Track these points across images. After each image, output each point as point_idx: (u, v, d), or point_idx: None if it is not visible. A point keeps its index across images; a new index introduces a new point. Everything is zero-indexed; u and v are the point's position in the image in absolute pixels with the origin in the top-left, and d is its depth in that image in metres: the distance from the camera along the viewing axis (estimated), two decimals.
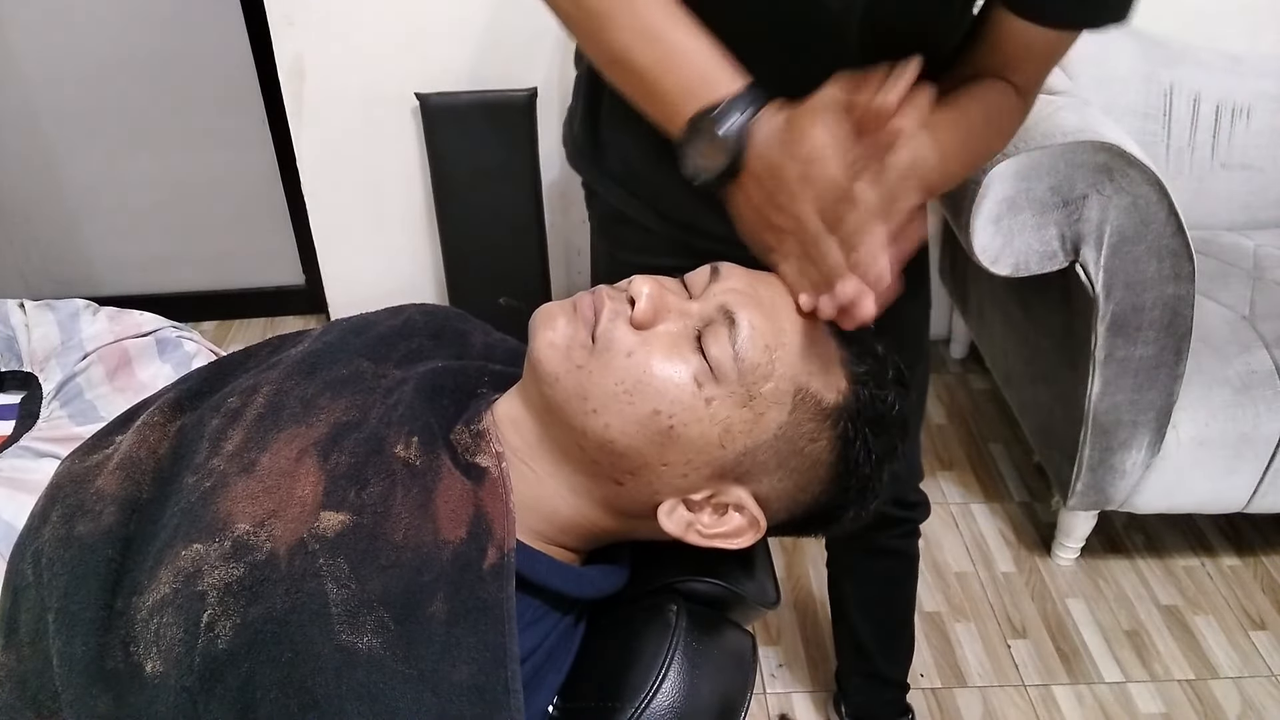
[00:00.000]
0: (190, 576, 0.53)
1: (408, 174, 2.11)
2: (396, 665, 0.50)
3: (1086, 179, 1.30)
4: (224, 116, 2.19)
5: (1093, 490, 1.59)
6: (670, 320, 0.61)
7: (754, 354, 0.58)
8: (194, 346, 1.49)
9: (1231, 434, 1.53)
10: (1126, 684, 1.58)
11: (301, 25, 1.90)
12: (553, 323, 0.61)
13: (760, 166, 0.64)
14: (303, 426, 0.61)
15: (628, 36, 0.70)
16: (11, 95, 2.12)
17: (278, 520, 0.55)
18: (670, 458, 0.59)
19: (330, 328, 0.74)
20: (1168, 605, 1.72)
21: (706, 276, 0.64)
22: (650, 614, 0.63)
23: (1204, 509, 1.67)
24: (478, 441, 0.62)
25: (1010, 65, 0.79)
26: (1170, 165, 1.86)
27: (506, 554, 0.56)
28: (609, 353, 0.59)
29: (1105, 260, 1.34)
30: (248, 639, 0.51)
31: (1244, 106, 1.84)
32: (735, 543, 0.62)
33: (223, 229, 2.37)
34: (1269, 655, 1.63)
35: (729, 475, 0.60)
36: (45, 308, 1.54)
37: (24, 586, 0.59)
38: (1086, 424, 1.51)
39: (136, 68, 2.11)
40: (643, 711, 0.58)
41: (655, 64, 0.69)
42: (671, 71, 0.69)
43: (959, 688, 1.58)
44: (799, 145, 0.62)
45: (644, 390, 0.58)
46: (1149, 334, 1.40)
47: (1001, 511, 1.92)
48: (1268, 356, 1.55)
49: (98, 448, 0.65)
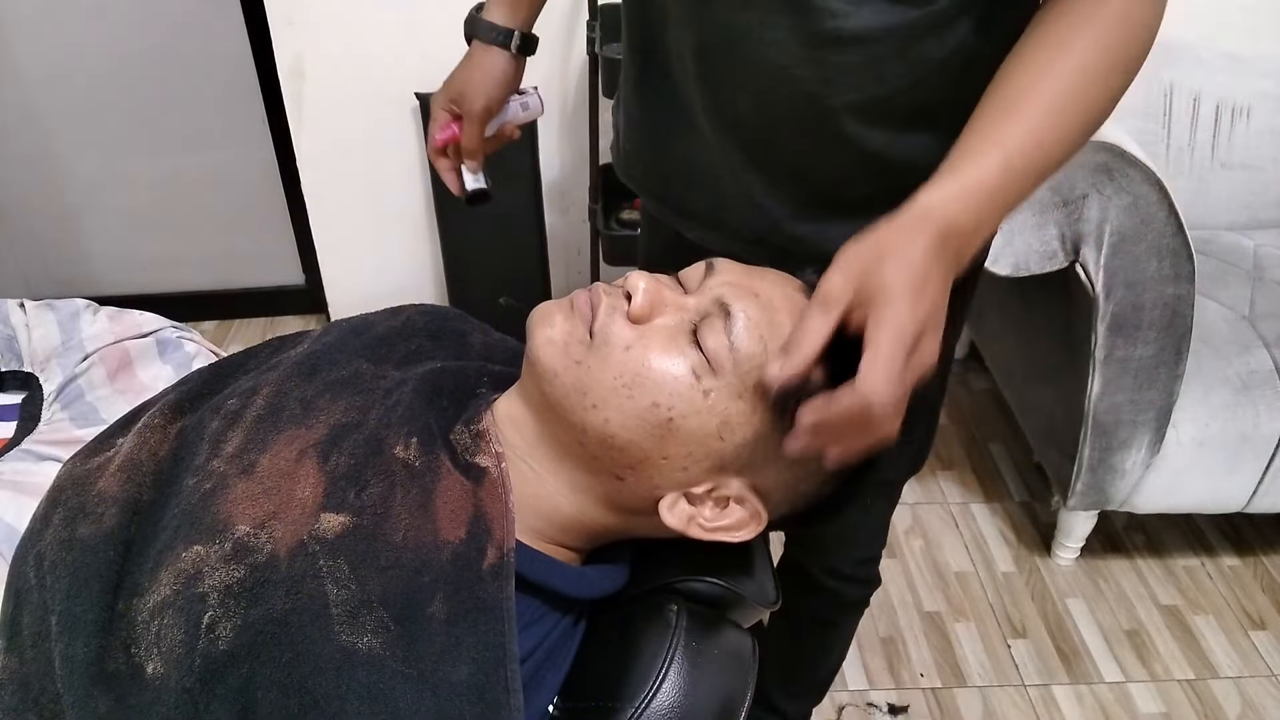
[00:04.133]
0: (191, 578, 0.53)
1: (408, 174, 2.11)
2: (396, 665, 0.51)
3: (1086, 179, 1.30)
4: (224, 116, 2.19)
5: (1093, 490, 1.59)
6: (667, 314, 0.61)
7: (749, 344, 0.59)
8: (194, 347, 1.49)
9: (1231, 434, 1.53)
10: (1126, 684, 1.58)
11: (301, 25, 1.91)
12: (550, 320, 0.61)
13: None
14: (302, 428, 0.61)
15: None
16: (11, 95, 2.12)
17: (278, 522, 0.55)
18: (670, 451, 0.59)
19: (330, 328, 0.74)
20: (1168, 605, 1.72)
21: (702, 271, 0.64)
22: (650, 614, 0.63)
23: (1204, 509, 1.67)
24: (477, 442, 0.62)
25: None
26: (1170, 165, 1.86)
27: (506, 554, 0.56)
28: (607, 347, 0.59)
29: (1105, 260, 1.34)
30: (248, 640, 0.51)
31: (1244, 106, 1.84)
32: (737, 536, 0.62)
33: (223, 229, 2.37)
34: (1269, 655, 1.63)
35: (729, 468, 0.61)
36: (45, 308, 1.54)
37: (26, 589, 0.60)
38: (1086, 424, 1.51)
39: (136, 68, 2.11)
40: (643, 711, 0.58)
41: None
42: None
43: (959, 688, 1.58)
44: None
45: (643, 384, 0.58)
46: (1149, 334, 1.40)
47: (1001, 511, 1.92)
48: (1268, 356, 1.55)
49: (99, 450, 0.65)
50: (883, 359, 0.53)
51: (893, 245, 0.58)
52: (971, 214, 0.61)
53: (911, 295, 0.56)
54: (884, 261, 0.57)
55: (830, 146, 0.78)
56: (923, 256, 0.58)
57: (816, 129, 0.77)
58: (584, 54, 1.94)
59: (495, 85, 0.92)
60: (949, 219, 0.60)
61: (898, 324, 0.54)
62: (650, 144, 0.92)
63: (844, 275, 0.57)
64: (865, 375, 0.53)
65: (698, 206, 0.90)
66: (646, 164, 0.94)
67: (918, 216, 0.60)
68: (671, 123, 0.86)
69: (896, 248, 0.58)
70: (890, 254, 0.57)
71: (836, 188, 0.81)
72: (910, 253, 0.57)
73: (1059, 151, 0.64)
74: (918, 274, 0.57)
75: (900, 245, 0.58)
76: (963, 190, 0.61)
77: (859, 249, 0.58)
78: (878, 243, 0.58)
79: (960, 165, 0.63)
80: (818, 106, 0.75)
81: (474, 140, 0.94)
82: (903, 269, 0.56)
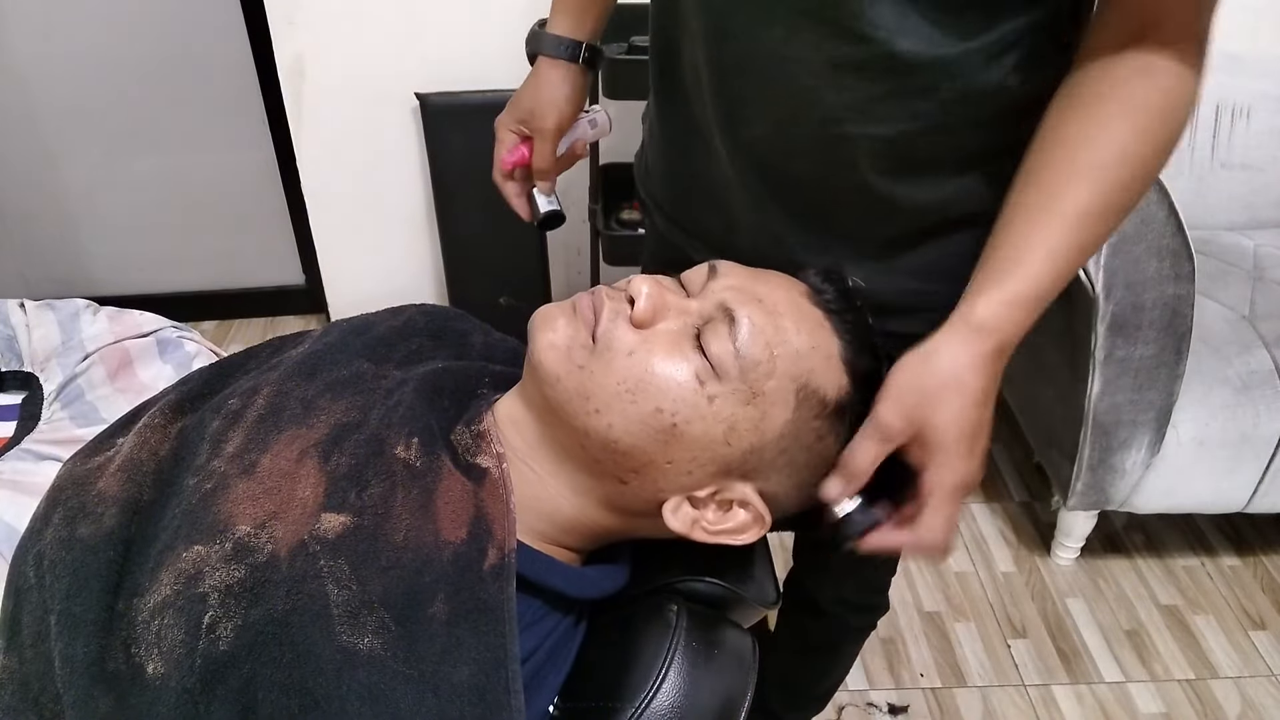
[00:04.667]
0: (191, 578, 0.53)
1: (408, 174, 2.11)
2: (397, 666, 0.50)
3: None
4: (224, 116, 2.19)
5: (1093, 490, 1.59)
6: (670, 319, 0.61)
7: (755, 351, 0.58)
8: (194, 347, 1.49)
9: (1231, 434, 1.53)
10: (1126, 684, 1.58)
11: (301, 25, 1.91)
12: (552, 324, 0.61)
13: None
14: (303, 428, 0.61)
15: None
16: (11, 95, 2.12)
17: (278, 522, 0.55)
18: (674, 455, 0.59)
19: (331, 328, 0.74)
20: (1168, 605, 1.72)
21: (705, 274, 0.64)
22: (650, 614, 0.63)
23: (1204, 509, 1.67)
24: (478, 442, 0.62)
25: (1145, 11, 0.60)
26: (1170, 165, 1.86)
27: (507, 555, 0.56)
28: (610, 352, 0.59)
29: (1105, 260, 1.34)
30: (249, 640, 0.51)
31: (1244, 106, 1.84)
32: (740, 539, 0.62)
33: (223, 229, 2.37)
34: (1269, 655, 1.63)
35: (734, 472, 0.60)
36: (45, 308, 1.54)
37: (26, 588, 0.59)
38: (1086, 424, 1.51)
39: (136, 68, 2.11)
40: (643, 711, 0.58)
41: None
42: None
43: (959, 688, 1.58)
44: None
45: (646, 389, 0.58)
46: (1149, 334, 1.40)
47: (1001, 511, 1.92)
48: (1268, 356, 1.55)
49: (99, 450, 0.65)
50: (944, 515, 0.60)
51: (950, 381, 0.60)
52: (1022, 326, 0.62)
53: (968, 451, 0.60)
54: (940, 405, 0.60)
55: (846, 182, 0.73)
56: (979, 397, 0.61)
57: (833, 160, 0.72)
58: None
59: (566, 101, 0.90)
60: (1003, 335, 0.61)
61: (954, 478, 0.60)
62: (667, 159, 0.89)
63: (900, 413, 0.60)
64: (928, 525, 0.60)
65: (710, 227, 0.86)
66: (663, 179, 0.91)
67: (972, 336, 0.61)
68: (688, 139, 0.82)
69: (954, 387, 0.60)
70: (948, 395, 0.60)
71: (853, 226, 0.76)
72: (966, 393, 0.60)
73: (1097, 247, 0.64)
74: (973, 422, 0.60)
75: (958, 382, 0.60)
76: (1014, 303, 0.61)
77: (914, 382, 0.61)
78: (937, 374, 0.60)
79: (1010, 274, 0.62)
80: (837, 135, 0.70)
81: (547, 160, 0.92)
82: (959, 421, 0.60)
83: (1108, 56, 0.62)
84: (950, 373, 0.60)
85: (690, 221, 0.89)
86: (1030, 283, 0.61)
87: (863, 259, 0.76)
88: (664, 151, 0.89)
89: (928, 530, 0.60)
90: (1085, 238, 0.62)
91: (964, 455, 0.60)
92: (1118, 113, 0.61)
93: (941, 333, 0.62)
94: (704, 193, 0.84)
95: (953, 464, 0.60)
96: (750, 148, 0.76)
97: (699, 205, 0.86)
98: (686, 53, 0.78)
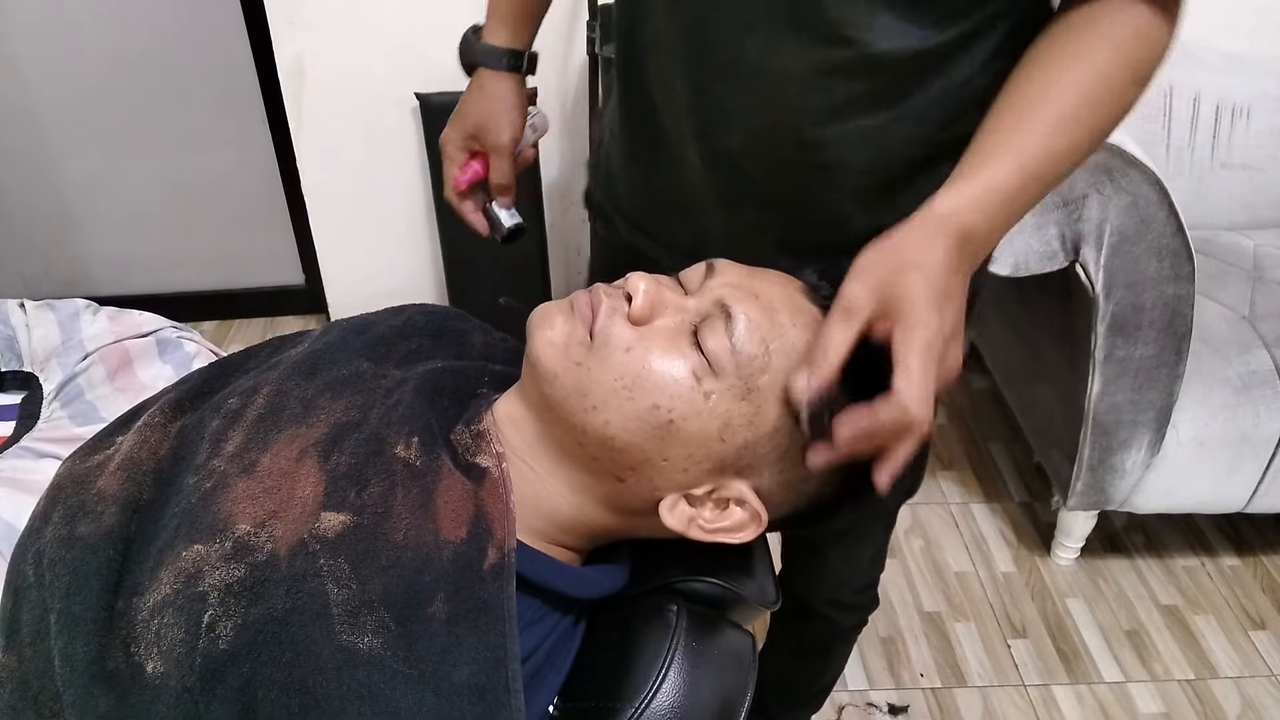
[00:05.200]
0: (191, 577, 0.53)
1: (408, 174, 2.11)
2: (397, 665, 0.50)
3: (1087, 179, 1.30)
4: (224, 116, 2.19)
5: (1093, 490, 1.59)
6: (667, 316, 0.61)
7: (751, 346, 0.58)
8: (194, 347, 1.49)
9: (1231, 434, 1.53)
10: (1126, 684, 1.58)
11: (301, 25, 1.91)
12: (551, 321, 0.61)
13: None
14: (303, 427, 0.61)
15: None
16: (11, 95, 2.12)
17: (278, 521, 0.55)
18: (671, 453, 0.59)
19: (330, 328, 0.74)
20: (1168, 605, 1.72)
21: (702, 272, 0.64)
22: (650, 614, 0.63)
23: (1204, 509, 1.67)
24: (478, 441, 0.62)
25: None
26: (1170, 165, 1.86)
27: (507, 554, 0.56)
28: (607, 349, 0.59)
29: (1105, 260, 1.34)
30: (248, 639, 0.51)
31: (1244, 106, 1.84)
32: (737, 537, 0.62)
33: (223, 229, 2.37)
34: (1269, 655, 1.63)
35: (730, 469, 0.60)
36: (45, 307, 1.54)
37: (25, 587, 0.59)
38: (1086, 424, 1.51)
39: (136, 68, 2.11)
40: (643, 712, 0.58)
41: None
42: None
43: (959, 688, 1.58)
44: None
45: (643, 385, 0.58)
46: (1149, 334, 1.40)
47: (1001, 511, 1.92)
48: (1268, 356, 1.55)
49: (99, 449, 0.65)
50: (916, 375, 0.54)
51: (913, 255, 0.58)
52: (987, 219, 0.62)
53: (936, 308, 0.56)
54: (905, 273, 0.57)
55: (826, 187, 0.75)
56: (944, 265, 0.58)
57: (813, 164, 0.74)
58: (584, 54, 1.94)
59: (517, 113, 0.90)
60: (966, 225, 0.60)
61: (926, 339, 0.55)
62: (633, 169, 0.88)
63: (865, 285, 0.57)
64: (902, 391, 0.54)
65: (679, 237, 0.86)
66: (629, 188, 0.90)
67: (935, 222, 0.60)
68: (655, 151, 0.83)
69: (917, 258, 0.58)
70: (911, 265, 0.57)
71: (829, 229, 0.77)
72: (931, 263, 0.58)
73: (1069, 161, 0.65)
74: (940, 285, 0.57)
75: (921, 255, 0.58)
76: (978, 196, 0.62)
77: (878, 257, 0.59)
78: (897, 251, 0.59)
79: (975, 170, 0.63)
80: (818, 139, 0.72)
81: (508, 175, 0.91)
82: (925, 281, 0.57)
83: (1091, 2, 0.65)
84: (912, 246, 0.59)
85: (659, 232, 0.89)
86: (992, 177, 0.62)
87: (836, 259, 0.76)
88: (630, 162, 0.88)
89: (903, 399, 0.53)
90: (1056, 143, 0.63)
91: (934, 311, 0.56)
92: (1099, 43, 0.64)
93: (903, 223, 0.61)
94: (673, 205, 0.84)
95: (922, 320, 0.55)
96: (729, 156, 0.77)
97: (668, 217, 0.86)
98: (654, 65, 0.78)
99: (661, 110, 0.79)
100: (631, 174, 0.89)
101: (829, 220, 0.77)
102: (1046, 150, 0.63)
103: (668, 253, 0.88)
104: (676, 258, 0.85)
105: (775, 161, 0.75)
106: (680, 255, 0.84)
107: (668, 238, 0.88)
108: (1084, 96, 0.64)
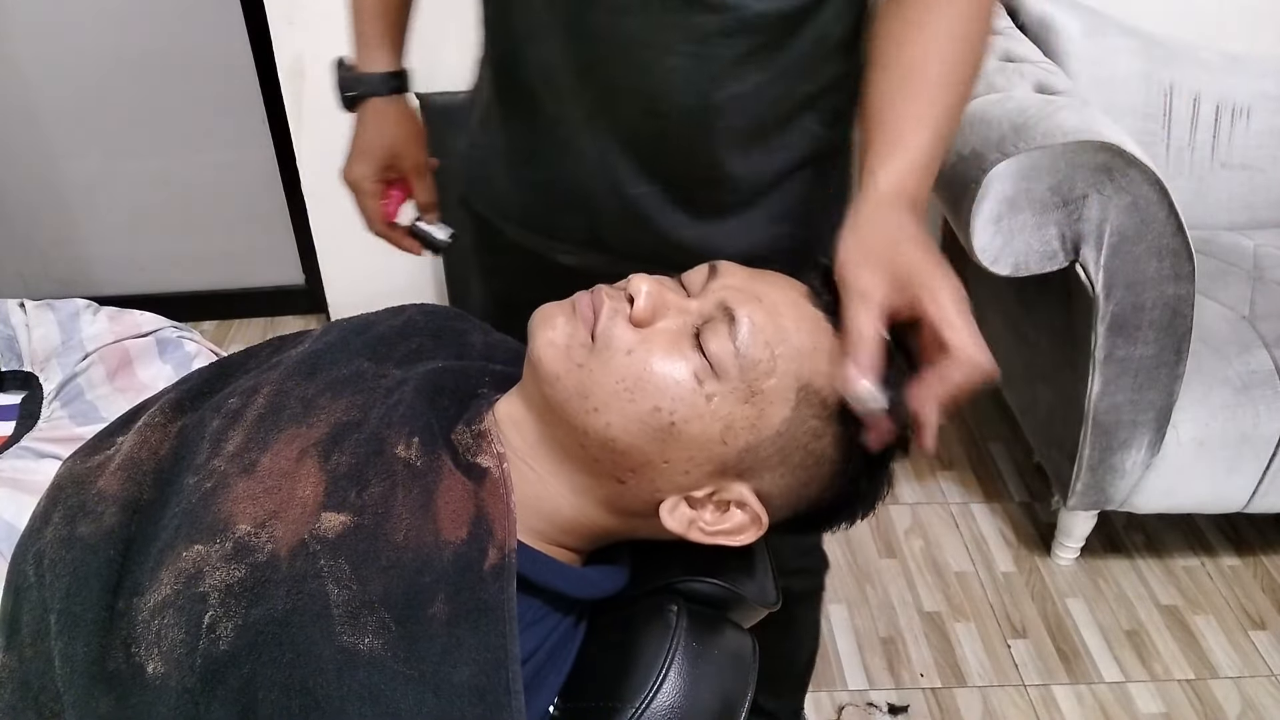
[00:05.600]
0: (191, 577, 0.53)
1: None
2: (398, 666, 0.50)
3: (1086, 179, 1.30)
4: (224, 116, 2.19)
5: (1093, 490, 1.59)
6: (670, 317, 0.61)
7: (755, 350, 0.58)
8: (194, 346, 1.49)
9: (1231, 434, 1.53)
10: (1126, 684, 1.58)
11: (301, 25, 1.90)
12: (552, 322, 0.61)
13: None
14: (303, 427, 0.61)
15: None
16: (11, 95, 2.12)
17: (279, 521, 0.55)
18: (672, 455, 0.59)
19: (331, 328, 0.74)
20: (1168, 605, 1.72)
21: (705, 274, 0.64)
22: (650, 614, 0.63)
23: (1204, 509, 1.67)
24: (479, 442, 0.62)
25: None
26: (1170, 165, 1.86)
27: (507, 554, 0.56)
28: (609, 350, 0.59)
29: (1105, 260, 1.34)
30: (249, 640, 0.51)
31: (1244, 106, 1.84)
32: (737, 540, 0.62)
33: (223, 229, 2.37)
34: (1269, 655, 1.63)
35: (731, 472, 0.60)
36: (45, 307, 1.54)
37: (26, 587, 0.59)
38: (1086, 424, 1.51)
39: (136, 68, 2.11)
40: (643, 712, 0.58)
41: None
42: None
43: (959, 688, 1.58)
44: None
45: (644, 387, 0.58)
46: (1149, 334, 1.40)
47: (1001, 511, 1.92)
48: (1268, 356, 1.55)
49: (99, 449, 0.65)
50: (964, 327, 0.58)
51: (893, 230, 0.63)
52: (924, 185, 0.69)
53: (943, 265, 0.60)
54: (899, 247, 0.61)
55: (709, 150, 0.81)
56: (919, 231, 0.64)
57: (699, 124, 0.79)
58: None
59: (420, 130, 0.92)
60: (910, 193, 0.67)
61: (955, 293, 0.59)
62: (514, 167, 0.89)
63: (869, 270, 0.60)
64: (962, 346, 0.57)
65: (571, 227, 0.88)
66: (512, 188, 0.91)
67: (890, 198, 0.67)
68: (538, 142, 0.85)
69: (899, 232, 0.63)
70: (899, 239, 0.62)
71: (709, 177, 0.83)
72: (913, 232, 0.63)
73: (958, 119, 0.73)
74: (932, 247, 0.62)
75: (899, 228, 0.64)
76: (913, 166, 0.68)
77: (868, 242, 0.63)
78: (880, 232, 0.63)
79: (903, 142, 0.69)
80: (703, 106, 0.78)
81: (432, 193, 0.93)
82: (921, 247, 0.62)
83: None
84: (886, 223, 0.64)
85: (551, 226, 0.90)
86: (919, 146, 0.69)
87: (723, 219, 0.83)
88: (510, 161, 0.89)
89: (965, 350, 0.57)
90: (950, 98, 0.71)
91: (947, 271, 0.60)
92: (938, 16, 0.72)
93: (857, 209, 0.66)
94: (563, 194, 0.86)
95: (941, 278, 0.59)
96: (625, 132, 0.81)
97: (559, 208, 0.88)
98: (533, 56, 0.81)
99: (545, 101, 0.82)
100: (517, 173, 0.90)
101: (707, 170, 0.83)
102: (944, 112, 0.71)
103: (563, 245, 0.90)
104: (572, 249, 0.89)
105: (663, 132, 0.80)
106: (576, 246, 0.89)
107: (562, 231, 0.90)
108: (950, 60, 0.72)
